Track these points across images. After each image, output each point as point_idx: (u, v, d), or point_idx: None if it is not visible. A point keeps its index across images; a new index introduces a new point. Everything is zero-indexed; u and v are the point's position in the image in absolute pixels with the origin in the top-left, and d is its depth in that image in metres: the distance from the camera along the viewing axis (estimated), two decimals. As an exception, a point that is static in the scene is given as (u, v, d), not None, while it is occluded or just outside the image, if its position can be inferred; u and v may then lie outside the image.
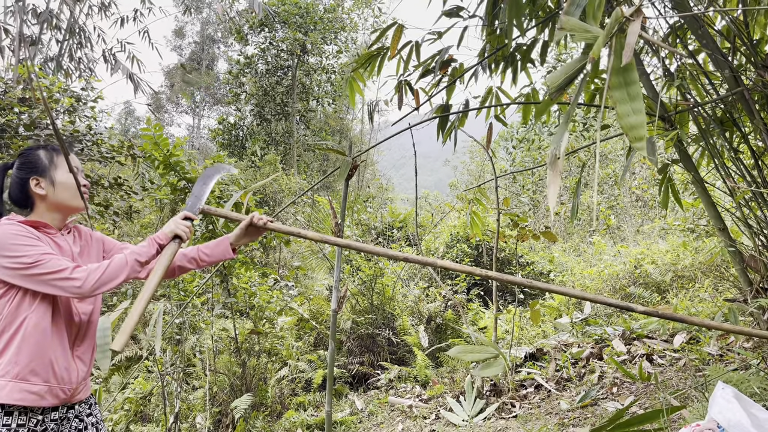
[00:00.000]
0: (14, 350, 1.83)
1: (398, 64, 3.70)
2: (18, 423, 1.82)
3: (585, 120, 12.02)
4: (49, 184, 1.98)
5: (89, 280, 1.82)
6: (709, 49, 2.95)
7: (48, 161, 2.00)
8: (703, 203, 3.41)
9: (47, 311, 1.90)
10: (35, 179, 1.97)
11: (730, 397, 1.94)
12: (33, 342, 1.85)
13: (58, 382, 1.90)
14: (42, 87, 6.00)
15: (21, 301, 1.86)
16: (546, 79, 3.98)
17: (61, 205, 2.01)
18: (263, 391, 4.99)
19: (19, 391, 1.81)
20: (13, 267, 1.80)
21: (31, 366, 1.84)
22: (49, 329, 1.90)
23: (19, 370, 1.82)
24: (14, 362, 1.82)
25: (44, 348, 1.88)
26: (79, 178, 2.02)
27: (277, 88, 19.99)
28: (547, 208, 11.01)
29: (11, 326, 1.84)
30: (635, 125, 1.23)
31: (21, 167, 1.99)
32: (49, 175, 1.98)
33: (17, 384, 1.82)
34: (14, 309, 1.85)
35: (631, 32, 1.15)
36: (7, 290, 1.85)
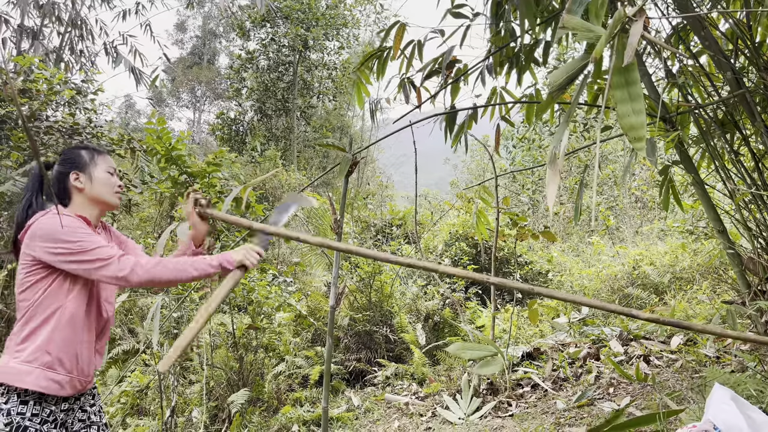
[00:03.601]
0: (45, 338, 1.91)
1: (401, 62, 3.69)
2: (32, 412, 1.88)
3: (586, 120, 12.02)
4: (87, 179, 2.10)
5: (136, 271, 1.91)
6: (711, 51, 2.95)
7: (89, 159, 2.13)
8: (703, 205, 3.40)
9: (82, 304, 1.99)
10: (75, 174, 2.10)
11: (727, 399, 1.94)
12: (65, 333, 1.94)
13: (79, 374, 1.99)
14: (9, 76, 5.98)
15: (58, 289, 1.95)
16: (548, 77, 3.97)
17: (97, 199, 2.12)
18: (260, 386, 4.99)
19: (45, 379, 1.88)
20: (64, 252, 1.90)
21: (59, 356, 1.92)
22: (81, 322, 2.00)
23: (49, 359, 1.90)
24: (45, 350, 1.90)
25: (74, 340, 1.97)
26: (116, 179, 2.17)
27: (279, 84, 19.96)
28: (547, 207, 11.02)
29: (43, 313, 1.93)
30: (635, 125, 1.23)
31: (63, 163, 2.12)
32: (88, 171, 2.11)
33: (44, 372, 1.89)
34: (50, 296, 1.94)
35: (633, 32, 1.14)
36: (45, 276, 1.95)
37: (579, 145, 10.56)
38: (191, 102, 35.40)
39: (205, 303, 1.99)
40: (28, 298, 1.94)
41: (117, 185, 2.17)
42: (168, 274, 1.95)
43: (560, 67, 1.33)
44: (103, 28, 10.50)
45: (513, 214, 4.80)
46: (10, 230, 6.15)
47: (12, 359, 1.90)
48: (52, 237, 1.91)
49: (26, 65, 6.55)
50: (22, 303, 1.95)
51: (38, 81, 6.37)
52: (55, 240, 1.90)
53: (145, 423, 4.58)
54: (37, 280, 1.94)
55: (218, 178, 6.25)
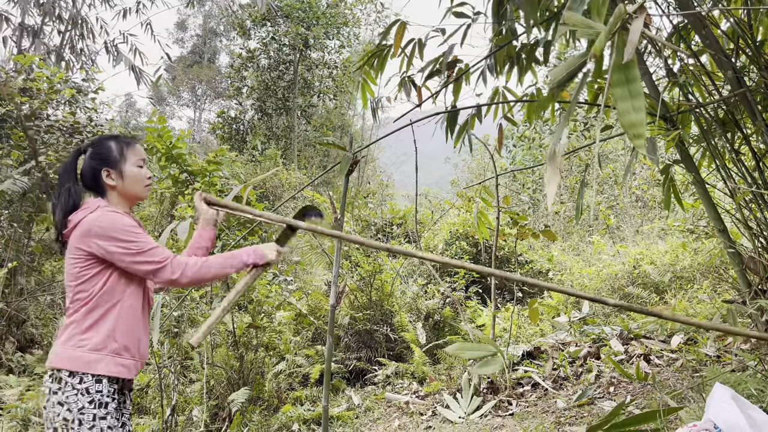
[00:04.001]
0: (110, 327, 2.02)
1: (402, 61, 3.69)
2: (108, 390, 2.00)
3: (586, 120, 12.01)
4: (118, 176, 2.14)
5: (185, 273, 2.04)
6: (712, 50, 2.94)
7: (118, 154, 2.16)
8: (704, 204, 3.40)
9: (139, 294, 2.12)
10: (106, 170, 2.14)
11: (728, 398, 1.94)
12: (128, 322, 2.06)
13: (140, 358, 2.13)
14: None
15: (116, 283, 2.05)
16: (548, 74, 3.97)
17: (129, 194, 2.19)
18: (260, 385, 4.99)
19: (115, 365, 2.01)
20: (122, 251, 2.00)
21: (125, 343, 2.05)
22: (139, 311, 2.13)
23: (116, 346, 2.02)
24: (112, 338, 2.01)
25: (135, 328, 2.10)
26: (146, 171, 2.23)
27: (279, 83, 19.93)
28: (547, 206, 11.06)
29: (106, 304, 2.03)
30: (635, 123, 1.22)
31: (94, 157, 2.15)
32: (119, 168, 2.15)
33: (114, 358, 2.01)
34: (109, 289, 2.03)
35: (633, 29, 1.14)
36: (103, 269, 2.04)
37: (579, 144, 10.55)
38: (192, 101, 35.39)
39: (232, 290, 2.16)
40: (86, 290, 2.02)
41: (146, 178, 2.22)
42: (212, 272, 2.11)
43: (560, 64, 1.32)
44: (104, 27, 10.50)
45: (513, 213, 4.80)
46: (11, 229, 6.15)
47: (77, 348, 1.98)
48: (109, 235, 1.99)
49: (27, 64, 6.55)
50: (79, 294, 2.02)
51: (39, 80, 6.37)
52: (113, 239, 1.99)
53: (145, 421, 4.58)
54: (95, 274, 2.02)
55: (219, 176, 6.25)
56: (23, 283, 6.52)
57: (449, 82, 3.72)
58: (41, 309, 6.62)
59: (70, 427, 1.91)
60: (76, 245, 2.02)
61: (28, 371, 5.74)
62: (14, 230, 6.19)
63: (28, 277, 6.69)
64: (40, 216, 6.31)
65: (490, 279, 5.38)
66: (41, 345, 6.32)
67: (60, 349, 1.99)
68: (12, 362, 5.75)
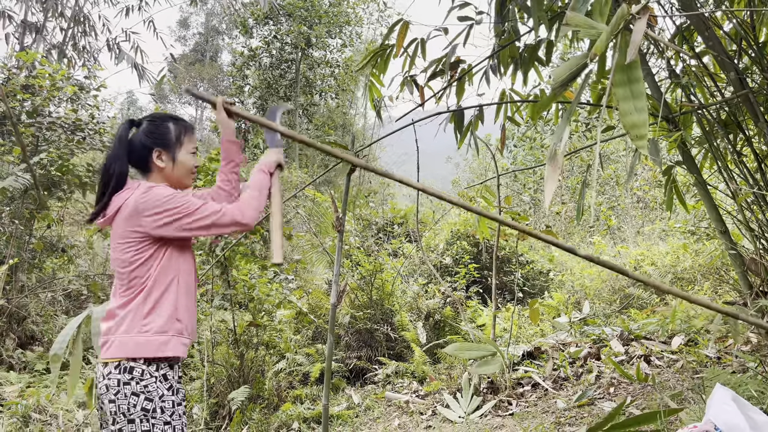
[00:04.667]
0: (172, 307, 1.97)
1: (404, 60, 3.69)
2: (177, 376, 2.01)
3: (588, 121, 12.00)
4: (169, 159, 2.07)
5: (245, 211, 2.01)
6: (715, 51, 2.94)
7: (176, 138, 2.09)
8: (705, 206, 3.40)
9: (191, 271, 2.09)
10: (158, 151, 2.06)
11: (728, 399, 1.94)
12: (185, 300, 2.02)
13: (193, 337, 2.09)
14: None
15: (170, 262, 1.99)
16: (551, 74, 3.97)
17: (174, 180, 2.10)
18: (260, 383, 4.99)
19: (180, 345, 1.98)
20: (175, 218, 1.93)
21: (186, 322, 2.02)
22: (192, 288, 2.09)
23: (179, 326, 1.99)
24: (175, 318, 1.97)
25: (190, 306, 2.06)
26: (195, 159, 2.16)
27: (281, 82, 19.93)
28: (546, 206, 11.05)
29: (161, 285, 1.97)
30: (637, 123, 1.22)
31: (149, 134, 2.07)
32: (172, 152, 2.08)
33: (179, 338, 1.98)
34: (164, 269, 1.98)
35: (636, 29, 1.14)
36: (156, 250, 1.97)
37: (581, 145, 10.55)
38: (193, 99, 35.40)
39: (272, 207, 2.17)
40: (142, 274, 1.95)
41: (194, 166, 2.16)
42: (260, 199, 2.08)
43: (563, 64, 1.32)
44: (106, 25, 10.50)
45: (515, 213, 4.80)
46: (12, 225, 6.16)
47: (142, 334, 1.91)
48: (158, 208, 1.92)
49: (29, 61, 6.55)
50: (135, 280, 1.95)
51: (41, 77, 6.38)
52: (163, 210, 1.92)
53: (145, 419, 4.58)
54: (149, 256, 1.95)
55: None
56: (24, 279, 6.52)
57: (452, 82, 3.72)
58: (42, 306, 6.63)
59: (151, 416, 1.86)
60: (127, 229, 1.95)
61: (29, 368, 5.75)
62: (15, 227, 6.19)
63: (29, 274, 6.70)
64: (41, 213, 6.31)
65: (491, 279, 5.38)
66: (42, 342, 6.32)
67: (122, 338, 1.91)
68: (12, 359, 5.76)
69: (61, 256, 7.16)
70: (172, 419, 1.90)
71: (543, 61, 3.56)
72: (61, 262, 7.37)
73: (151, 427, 1.86)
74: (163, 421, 1.88)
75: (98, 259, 8.19)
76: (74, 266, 7.53)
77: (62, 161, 5.97)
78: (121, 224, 1.96)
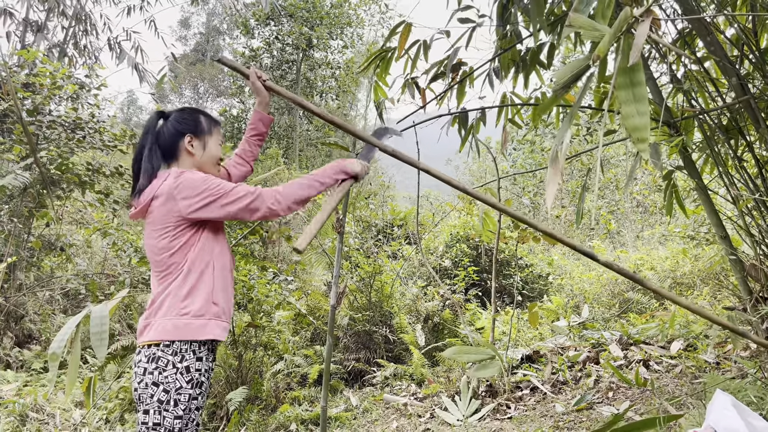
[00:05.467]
0: (209, 290, 1.99)
1: (406, 62, 3.69)
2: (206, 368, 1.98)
3: (589, 125, 12.00)
4: (200, 146, 2.13)
5: (280, 200, 1.99)
6: (716, 56, 2.94)
7: (207, 127, 2.16)
8: (706, 210, 3.39)
9: (225, 253, 2.10)
10: (190, 137, 2.11)
11: (729, 405, 1.93)
12: (221, 283, 2.04)
13: (230, 320, 2.10)
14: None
15: (205, 244, 2.02)
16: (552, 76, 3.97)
17: (200, 166, 2.13)
18: (259, 384, 4.98)
19: (219, 328, 2.00)
20: (210, 201, 1.95)
21: (223, 304, 2.04)
22: (228, 271, 2.10)
23: (217, 309, 2.01)
24: (211, 301, 1.99)
25: (229, 289, 2.09)
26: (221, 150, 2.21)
27: (282, 82, 19.95)
28: (547, 209, 10.99)
29: (198, 268, 1.99)
30: (639, 127, 1.22)
31: (181, 121, 2.12)
32: (204, 139, 2.14)
33: (217, 321, 2.00)
34: (201, 253, 2.00)
35: (639, 33, 1.13)
36: (192, 235, 2.00)
37: (582, 148, 10.55)
38: (194, 99, 35.40)
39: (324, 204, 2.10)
40: (179, 260, 1.97)
41: (219, 158, 2.20)
42: (304, 191, 2.04)
43: (565, 66, 1.32)
44: (107, 24, 10.50)
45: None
46: (11, 224, 6.15)
47: (181, 317, 1.94)
48: (192, 192, 1.94)
49: (30, 59, 6.55)
50: (173, 265, 1.97)
51: (42, 75, 6.37)
52: (197, 193, 1.94)
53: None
54: (187, 240, 1.98)
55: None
56: (22, 278, 6.51)
57: (453, 85, 3.72)
58: (40, 304, 6.62)
59: (164, 408, 1.87)
60: (163, 216, 1.97)
61: (26, 367, 5.74)
62: (14, 225, 6.19)
63: (27, 273, 6.69)
64: (40, 211, 6.30)
65: (490, 282, 5.37)
66: (39, 341, 6.31)
67: (161, 321, 1.93)
68: (10, 357, 5.75)
69: (59, 254, 7.15)
70: (184, 413, 1.90)
71: (545, 65, 3.55)
72: (59, 261, 7.36)
73: (162, 420, 1.87)
74: (174, 415, 1.88)
75: (97, 258, 8.18)
76: (73, 265, 7.52)
77: (62, 160, 5.96)
78: (158, 213, 1.98)
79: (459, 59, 3.56)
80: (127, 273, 6.89)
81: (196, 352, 1.94)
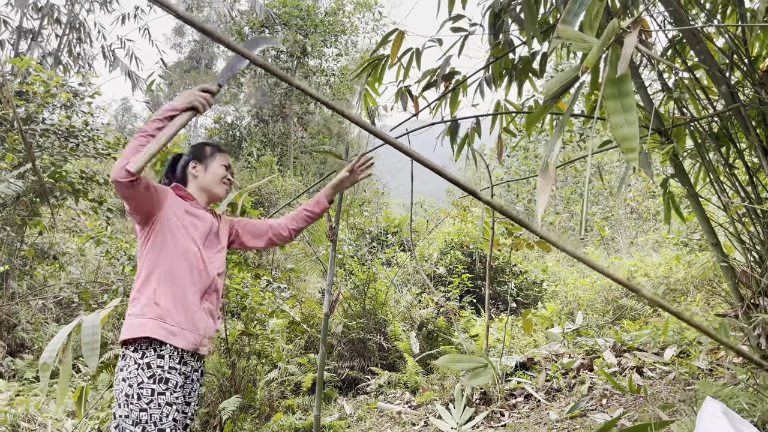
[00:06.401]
0: (151, 292, 2.10)
1: (398, 70, 3.69)
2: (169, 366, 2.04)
3: (582, 131, 12.06)
4: (202, 169, 2.40)
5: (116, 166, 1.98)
6: (707, 65, 2.96)
7: (209, 154, 2.44)
8: (697, 217, 3.41)
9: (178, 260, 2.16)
10: (194, 163, 2.41)
11: (719, 412, 1.94)
12: (170, 286, 2.12)
13: (195, 330, 2.14)
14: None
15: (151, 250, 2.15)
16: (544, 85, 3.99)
17: (205, 188, 2.40)
18: (252, 393, 4.96)
19: (159, 328, 2.05)
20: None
21: (168, 307, 2.09)
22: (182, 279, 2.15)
23: (159, 311, 2.07)
24: (153, 302, 2.09)
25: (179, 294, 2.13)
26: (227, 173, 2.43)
27: (276, 90, 19.97)
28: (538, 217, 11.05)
29: (146, 271, 2.14)
30: (628, 136, 1.23)
31: (189, 153, 2.45)
32: (205, 163, 2.41)
33: (156, 321, 2.06)
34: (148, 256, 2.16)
35: (627, 43, 1.14)
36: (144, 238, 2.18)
37: (575, 155, 10.59)
38: (189, 106, 35.33)
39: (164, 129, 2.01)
40: (139, 266, 2.18)
41: (223, 176, 2.42)
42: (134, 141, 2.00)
43: (554, 77, 1.33)
44: (101, 32, 10.51)
45: (508, 223, 4.80)
46: (3, 232, 6.12)
47: (129, 317, 2.10)
48: None
49: (24, 67, 6.54)
50: (137, 270, 2.20)
51: (35, 83, 6.36)
52: None
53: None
54: (142, 248, 2.19)
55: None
56: (15, 287, 6.48)
57: (446, 93, 3.73)
58: (32, 313, 6.58)
59: (130, 402, 1.98)
60: None
61: (18, 376, 5.70)
62: (7, 234, 6.16)
63: (19, 281, 6.66)
64: (33, 220, 6.28)
65: (485, 289, 5.38)
66: (32, 350, 6.27)
67: (124, 323, 2.11)
68: (2, 367, 5.71)
69: (52, 263, 7.13)
70: (149, 407, 1.98)
71: (537, 73, 3.57)
72: (52, 270, 7.33)
73: (129, 412, 1.97)
74: (139, 408, 1.97)
75: (90, 266, 8.14)
76: (66, 273, 7.49)
77: (55, 168, 5.95)
78: None
79: (452, 68, 3.57)
80: (120, 281, 6.86)
81: (157, 350, 2.04)
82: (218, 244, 2.37)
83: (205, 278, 2.22)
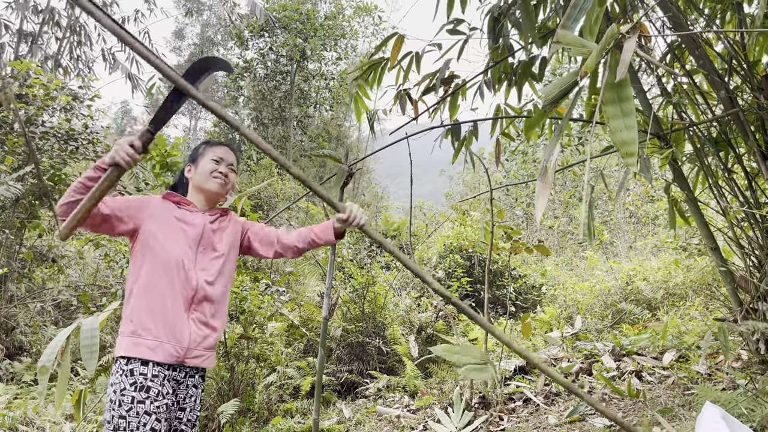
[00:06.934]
0: (129, 309, 2.10)
1: (398, 73, 3.70)
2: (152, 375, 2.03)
3: (581, 135, 12.06)
4: (194, 169, 2.32)
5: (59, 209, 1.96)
6: (705, 70, 2.97)
7: (201, 151, 2.34)
8: (696, 222, 3.42)
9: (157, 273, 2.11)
10: (189, 165, 2.36)
11: (717, 417, 1.94)
12: (144, 301, 2.09)
13: (175, 342, 2.09)
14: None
15: (134, 265, 2.16)
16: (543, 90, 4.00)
17: (198, 186, 2.30)
18: (251, 396, 4.96)
19: (133, 345, 2.04)
20: None
21: (142, 322, 2.07)
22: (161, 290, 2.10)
23: (132, 327, 2.07)
24: (128, 319, 2.08)
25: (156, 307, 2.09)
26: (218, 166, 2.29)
27: (276, 93, 19.99)
28: (536, 222, 11.09)
29: (128, 289, 2.13)
30: (627, 141, 1.23)
31: (188, 157, 2.41)
32: (196, 162, 2.32)
33: (130, 338, 2.06)
34: (131, 272, 2.16)
35: (626, 49, 1.15)
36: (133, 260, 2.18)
37: (574, 159, 10.60)
38: (188, 109, 35.41)
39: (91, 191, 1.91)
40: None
41: (212, 170, 2.28)
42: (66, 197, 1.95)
43: (553, 82, 1.33)
44: (102, 35, 10.52)
45: (507, 227, 4.81)
46: (2, 235, 6.12)
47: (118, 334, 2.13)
48: None
49: (23, 70, 6.54)
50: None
51: (35, 86, 6.37)
52: None
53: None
54: (129, 265, 2.20)
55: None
56: (13, 289, 6.47)
57: (445, 97, 3.73)
58: (31, 316, 6.57)
59: (112, 407, 1.99)
60: None
61: (16, 379, 5.69)
62: (6, 236, 6.15)
63: (18, 284, 6.65)
64: (32, 222, 6.28)
65: (483, 292, 5.38)
66: (30, 353, 6.26)
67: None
68: (0, 370, 5.70)
69: (51, 266, 7.12)
70: (128, 414, 1.98)
71: (536, 77, 3.58)
72: (51, 272, 7.32)
73: (111, 417, 1.99)
74: (119, 414, 1.98)
75: (89, 269, 8.14)
76: (64, 276, 7.48)
77: (54, 171, 5.95)
78: None
79: (451, 72, 3.58)
80: (119, 284, 6.85)
81: (129, 362, 2.05)
82: (214, 251, 2.24)
83: (189, 288, 2.13)
